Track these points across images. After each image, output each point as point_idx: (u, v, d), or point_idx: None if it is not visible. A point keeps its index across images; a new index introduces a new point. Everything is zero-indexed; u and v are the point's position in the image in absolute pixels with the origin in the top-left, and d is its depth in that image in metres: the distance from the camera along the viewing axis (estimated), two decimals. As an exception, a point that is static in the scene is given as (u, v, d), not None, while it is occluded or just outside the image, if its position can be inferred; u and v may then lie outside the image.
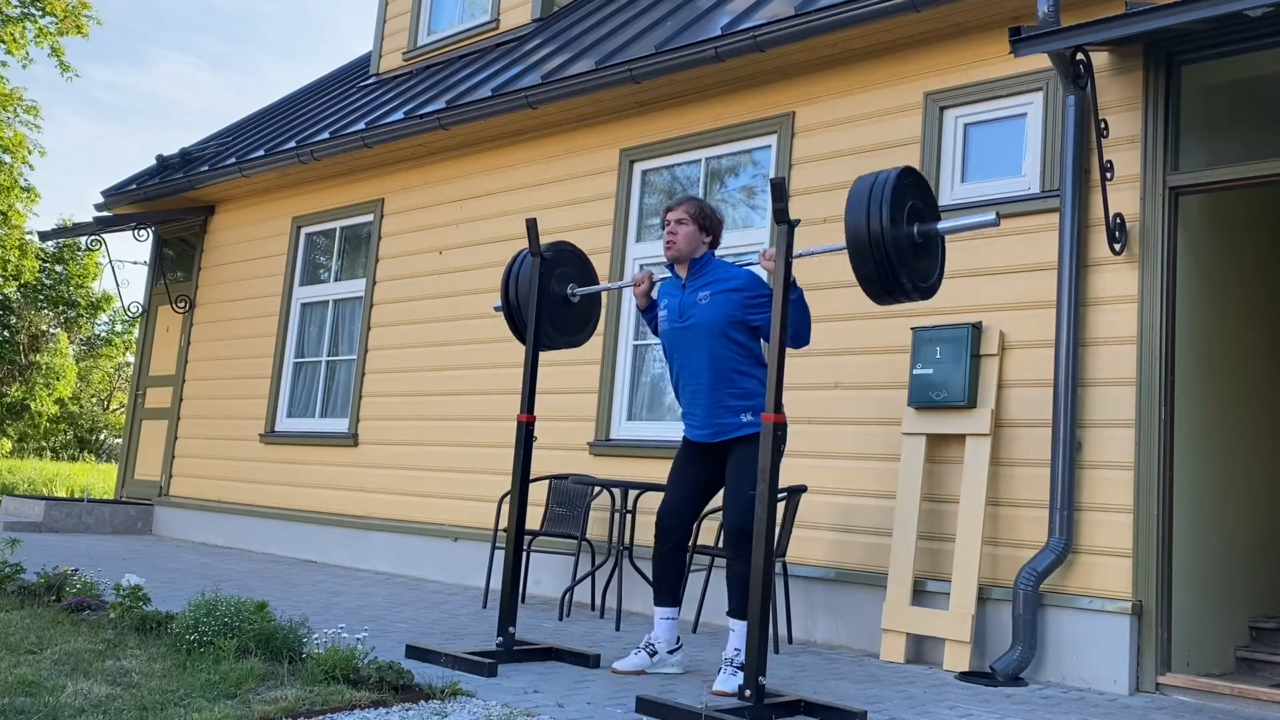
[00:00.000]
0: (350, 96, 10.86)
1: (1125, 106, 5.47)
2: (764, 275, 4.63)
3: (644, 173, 7.63)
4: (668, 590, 4.79)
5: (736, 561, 4.45)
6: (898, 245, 3.87)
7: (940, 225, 4.02)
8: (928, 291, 4.06)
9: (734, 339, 4.65)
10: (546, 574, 7.38)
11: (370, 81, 10.98)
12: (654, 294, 5.00)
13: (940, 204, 6.01)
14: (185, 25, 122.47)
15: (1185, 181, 5.32)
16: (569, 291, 5.25)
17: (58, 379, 32.74)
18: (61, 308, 33.75)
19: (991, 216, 3.93)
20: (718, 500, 4.79)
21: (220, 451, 10.46)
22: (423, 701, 3.78)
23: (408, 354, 8.86)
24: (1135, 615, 5.07)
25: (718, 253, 4.94)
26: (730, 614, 4.51)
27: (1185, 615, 5.22)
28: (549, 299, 5.15)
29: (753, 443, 4.52)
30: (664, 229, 4.86)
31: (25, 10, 21.36)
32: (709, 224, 4.85)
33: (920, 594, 5.64)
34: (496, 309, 5.39)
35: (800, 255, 4.29)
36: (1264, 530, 6.15)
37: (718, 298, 4.68)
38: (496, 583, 6.67)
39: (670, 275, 4.93)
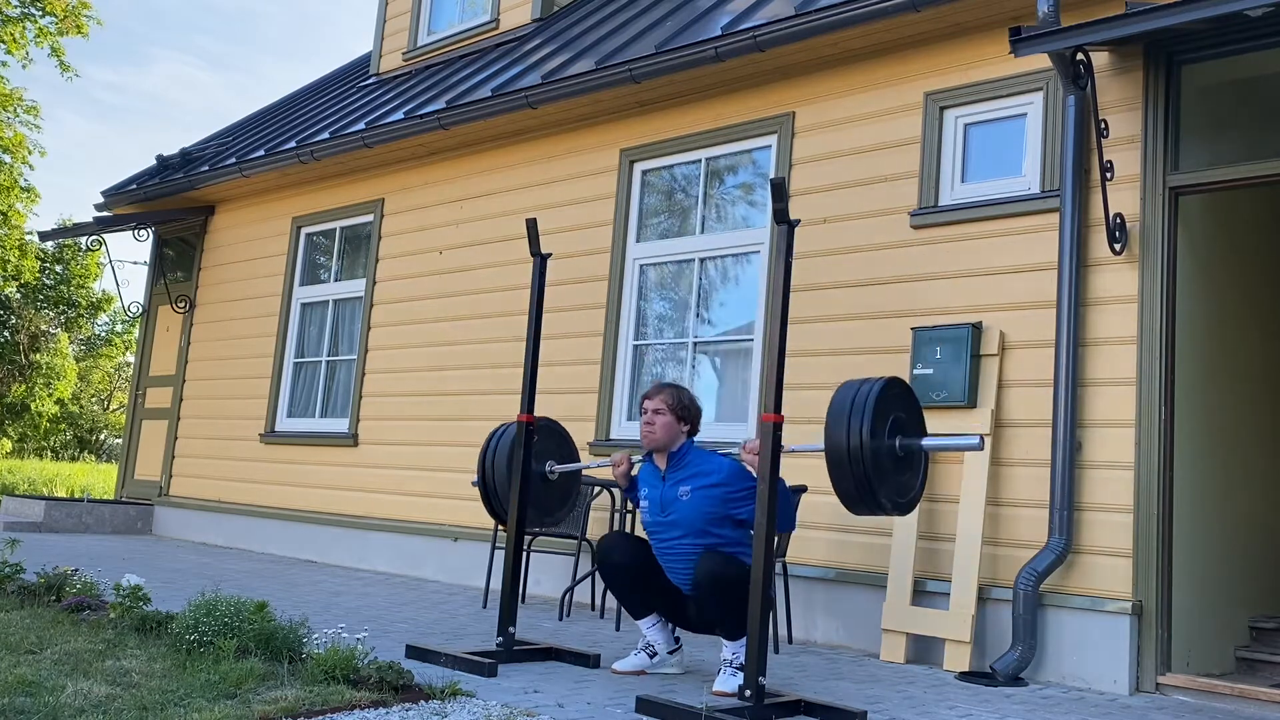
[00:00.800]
0: (350, 96, 10.86)
1: (1125, 106, 5.47)
2: (748, 467, 4.52)
3: (644, 173, 7.63)
4: (637, 605, 4.78)
5: (726, 621, 4.36)
6: (878, 461, 3.81)
7: (924, 442, 3.96)
8: (905, 507, 4.00)
9: (718, 535, 4.54)
10: (546, 574, 7.38)
11: (370, 81, 10.98)
12: (634, 473, 4.92)
13: (940, 204, 6.01)
14: (185, 25, 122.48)
15: (1185, 181, 5.32)
16: (547, 469, 5.12)
17: (58, 379, 32.72)
18: (61, 308, 33.74)
19: (974, 439, 3.89)
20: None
21: (220, 451, 10.46)
22: (423, 701, 3.78)
23: (408, 354, 8.86)
24: (1135, 615, 5.07)
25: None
26: (723, 636, 4.47)
27: (1185, 615, 5.21)
28: (529, 474, 4.99)
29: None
30: (640, 416, 4.77)
31: (25, 10, 21.35)
32: (687, 414, 4.74)
33: (920, 594, 5.64)
34: (473, 485, 5.26)
35: (787, 452, 4.19)
36: (1264, 530, 6.15)
37: (698, 494, 4.56)
38: (496, 583, 6.67)
39: (648, 462, 4.82)
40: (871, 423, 3.78)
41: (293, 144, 9.80)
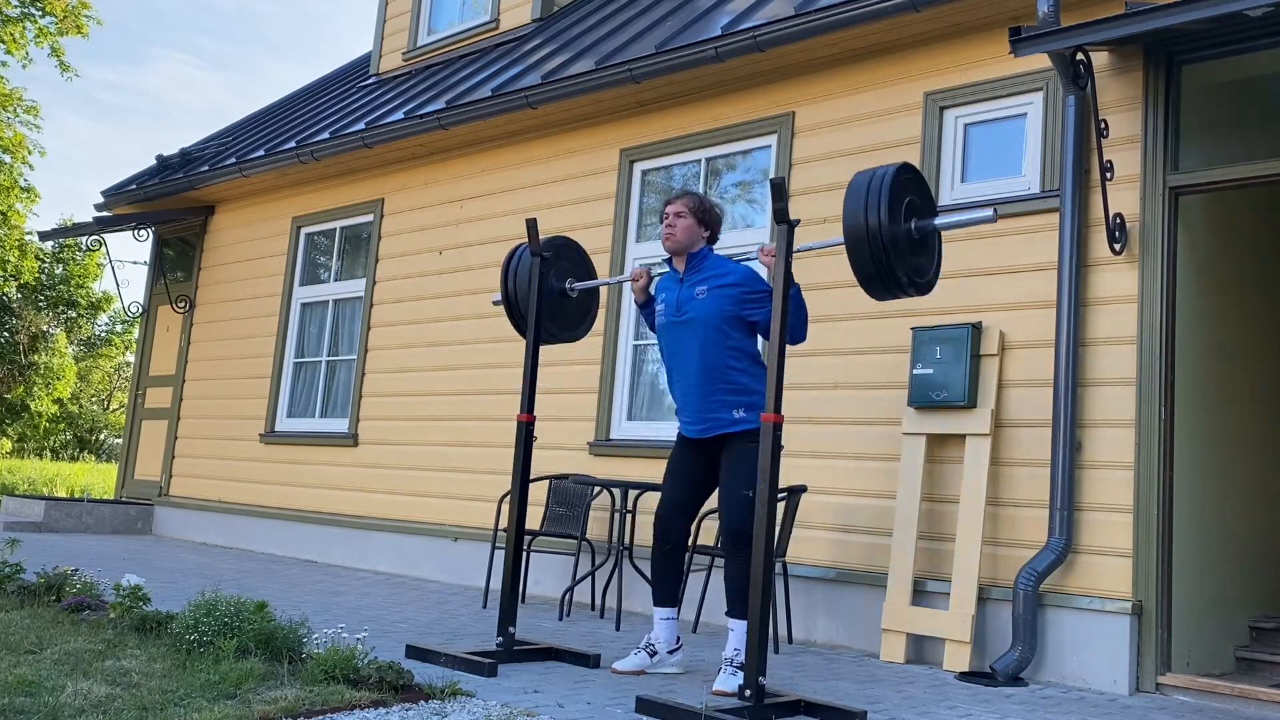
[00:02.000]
0: (350, 96, 10.86)
1: (1125, 106, 5.47)
2: (762, 271, 4.63)
3: (644, 173, 7.63)
4: (666, 591, 4.79)
5: (734, 562, 4.45)
6: (895, 240, 3.88)
7: (937, 221, 4.02)
8: (924, 287, 4.07)
9: (729, 334, 4.64)
10: (546, 574, 7.38)
11: (370, 81, 10.98)
12: (652, 289, 5.00)
13: (940, 204, 6.01)
14: (185, 25, 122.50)
15: (1185, 181, 5.32)
16: (567, 286, 5.25)
17: (57, 379, 32.72)
18: (61, 308, 33.73)
19: (989, 212, 3.93)
20: (713, 500, 4.79)
21: (220, 451, 10.46)
22: (423, 701, 3.78)
23: (408, 354, 8.86)
24: (1135, 615, 5.07)
25: (716, 249, 4.93)
26: (729, 614, 4.51)
27: (1185, 615, 5.21)
28: (547, 293, 5.15)
29: (746, 439, 4.52)
30: (663, 222, 4.86)
31: (25, 10, 21.35)
32: (708, 219, 4.85)
33: (920, 594, 5.64)
34: (495, 303, 5.39)
35: (799, 251, 4.30)
36: (1264, 530, 6.15)
37: (715, 293, 4.67)
38: (496, 583, 6.67)
39: (668, 270, 4.93)
40: (888, 205, 3.85)
41: (292, 144, 9.80)
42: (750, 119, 7.00)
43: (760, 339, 4.75)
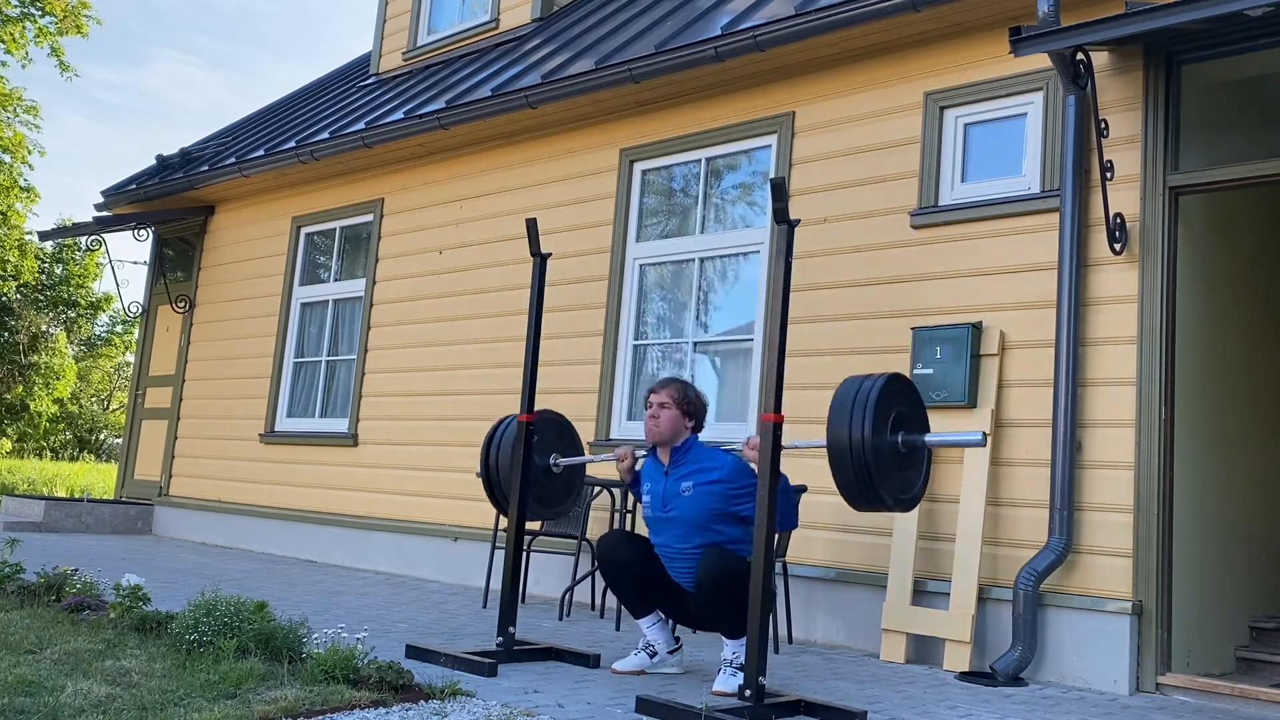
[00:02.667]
0: (350, 96, 10.86)
1: (1125, 106, 5.47)
2: (750, 464, 4.53)
3: (644, 172, 7.63)
4: (639, 602, 4.77)
5: (726, 619, 4.36)
6: (880, 457, 3.77)
7: (927, 438, 3.94)
8: (908, 504, 3.97)
9: (719, 531, 4.56)
10: (546, 574, 7.38)
11: (370, 81, 10.98)
12: (638, 468, 4.93)
13: (940, 204, 6.01)
14: (185, 25, 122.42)
15: (1185, 181, 5.32)
16: (551, 462, 5.12)
17: (57, 379, 32.70)
18: (61, 308, 33.72)
19: (978, 436, 3.86)
20: None
21: (220, 451, 10.46)
22: (423, 701, 3.78)
23: (408, 354, 8.86)
24: (1135, 615, 5.07)
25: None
26: (724, 635, 4.47)
27: (1185, 615, 5.21)
28: (530, 470, 4.99)
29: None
30: (646, 410, 4.77)
31: (25, 10, 21.34)
32: (692, 409, 4.75)
33: (920, 594, 5.64)
34: (477, 475, 5.27)
35: (786, 448, 4.15)
36: (1264, 530, 6.15)
37: (700, 490, 4.58)
38: (496, 583, 6.66)
39: (652, 454, 4.83)
40: (874, 419, 3.77)
41: (292, 144, 9.80)
42: (750, 119, 7.00)
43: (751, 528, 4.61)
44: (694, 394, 4.80)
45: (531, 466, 5.01)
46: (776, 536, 5.46)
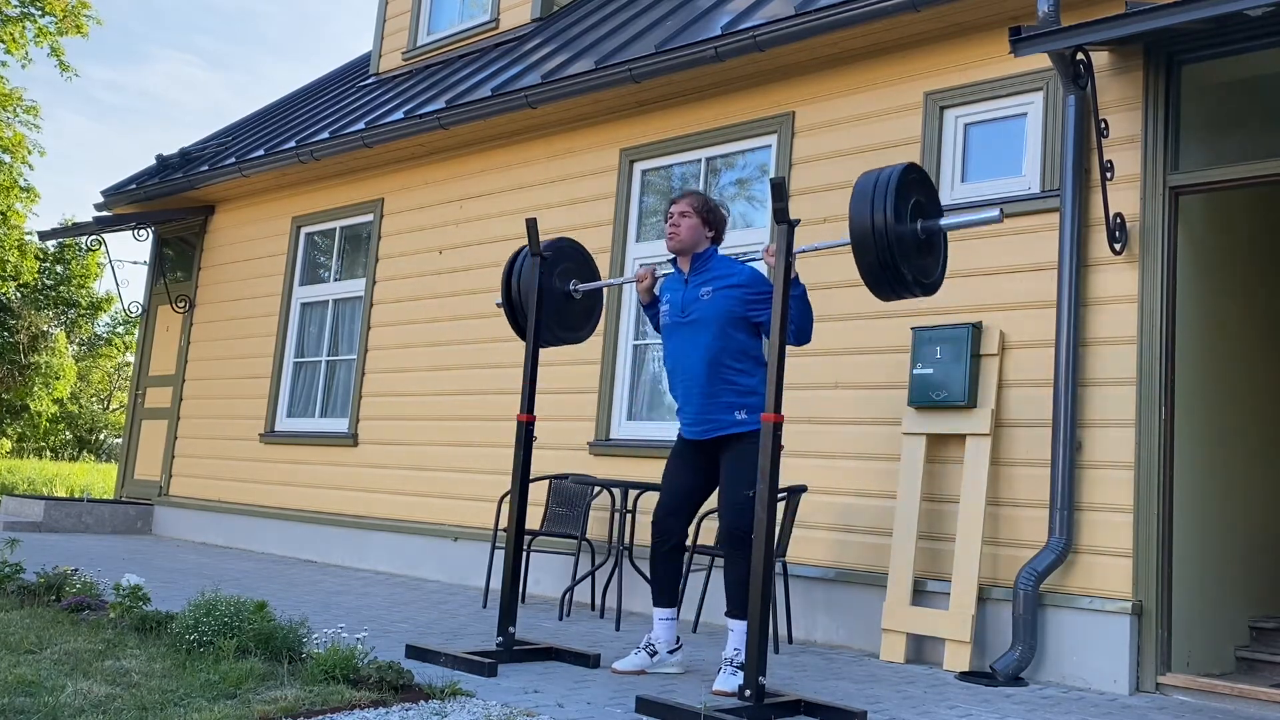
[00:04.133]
0: (350, 96, 10.86)
1: (1125, 106, 5.47)
2: (767, 271, 4.62)
3: (644, 172, 7.63)
4: (666, 591, 4.79)
5: (734, 563, 4.45)
6: (901, 240, 3.88)
7: (943, 221, 4.03)
8: (930, 287, 4.07)
9: (734, 335, 4.64)
10: (546, 574, 7.38)
11: (370, 81, 10.98)
12: (657, 289, 5.00)
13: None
14: (185, 24, 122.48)
15: (1185, 181, 5.32)
16: (571, 287, 5.24)
17: (57, 379, 32.72)
18: (61, 308, 33.74)
19: (995, 213, 3.93)
20: (713, 501, 4.79)
21: (220, 451, 10.46)
22: (423, 701, 3.78)
23: (408, 354, 8.86)
24: (1135, 615, 5.07)
25: (720, 249, 4.93)
26: (729, 614, 4.51)
27: (1185, 615, 5.21)
28: (550, 295, 5.15)
29: (747, 440, 4.52)
30: (667, 221, 4.86)
31: (25, 10, 21.34)
32: (712, 218, 4.84)
33: (920, 594, 5.64)
34: (498, 305, 5.38)
35: (802, 251, 4.30)
36: (1264, 530, 6.15)
37: (720, 294, 4.67)
38: (496, 583, 6.67)
39: (673, 271, 4.92)
40: (895, 205, 3.86)
41: (292, 144, 9.80)
42: (750, 119, 7.00)
43: (765, 339, 4.75)
44: (714, 203, 4.89)
45: (529, 473, 5.01)
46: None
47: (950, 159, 6.06)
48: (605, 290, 7.49)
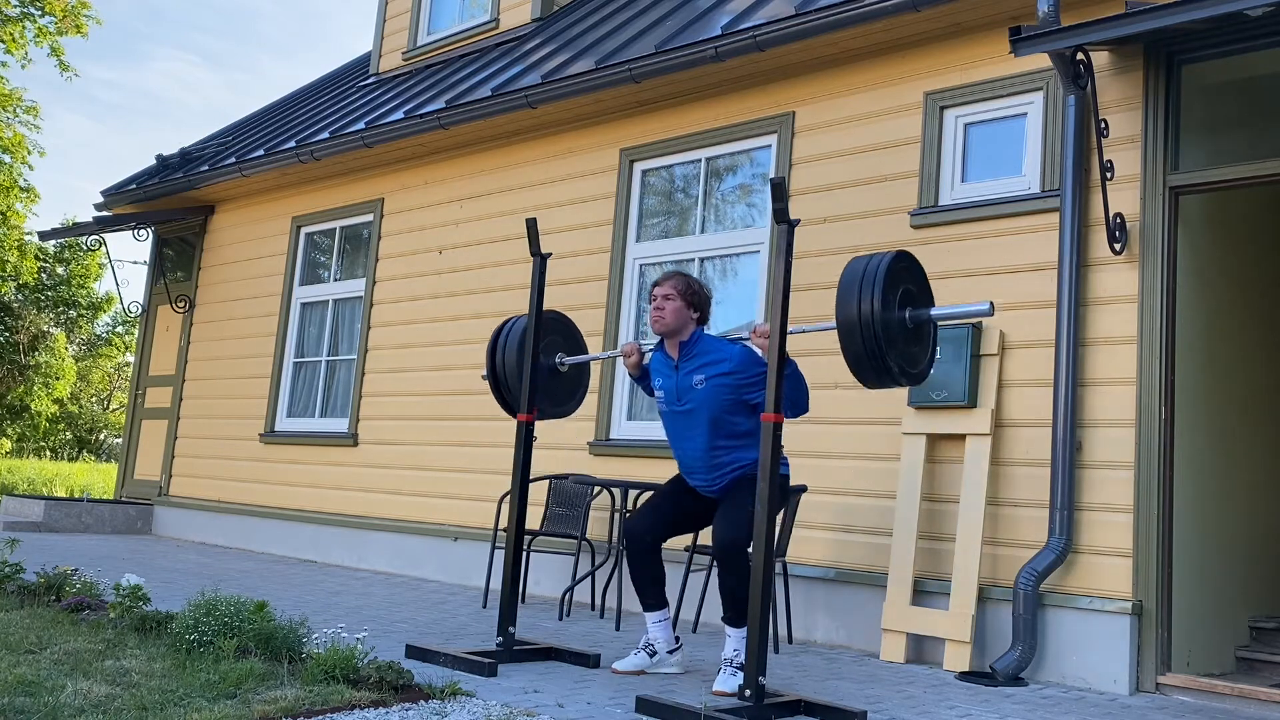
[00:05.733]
0: (350, 96, 10.86)
1: (1125, 106, 5.47)
2: (758, 351, 4.57)
3: (644, 172, 7.63)
4: (650, 594, 4.79)
5: (730, 574, 4.43)
6: (888, 328, 3.84)
7: (933, 311, 4.00)
8: (916, 377, 4.03)
9: (730, 420, 4.62)
10: (546, 574, 7.38)
11: (370, 81, 10.98)
12: (646, 361, 4.99)
13: (940, 204, 6.02)
14: (184, 24, 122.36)
15: (1185, 181, 5.32)
16: (557, 361, 5.16)
17: (57, 379, 32.71)
18: (61, 308, 33.73)
19: (985, 306, 3.93)
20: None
21: (220, 451, 10.46)
22: (423, 701, 3.78)
23: (408, 354, 8.86)
24: (1135, 615, 5.07)
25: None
26: (726, 621, 4.50)
27: (1185, 615, 5.21)
28: (537, 369, 5.02)
29: (744, 482, 4.53)
30: (651, 303, 4.82)
31: (25, 10, 21.33)
32: (697, 301, 4.79)
33: (920, 594, 5.64)
34: (483, 378, 5.29)
35: (793, 332, 4.25)
36: (1264, 530, 6.15)
37: (712, 383, 4.63)
38: (496, 583, 6.66)
39: (659, 349, 4.88)
40: (882, 294, 3.83)
41: (292, 144, 9.80)
42: (750, 119, 7.00)
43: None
44: (698, 285, 4.85)
45: (529, 473, 5.01)
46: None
47: (950, 159, 6.05)
48: (603, 289, 7.50)
